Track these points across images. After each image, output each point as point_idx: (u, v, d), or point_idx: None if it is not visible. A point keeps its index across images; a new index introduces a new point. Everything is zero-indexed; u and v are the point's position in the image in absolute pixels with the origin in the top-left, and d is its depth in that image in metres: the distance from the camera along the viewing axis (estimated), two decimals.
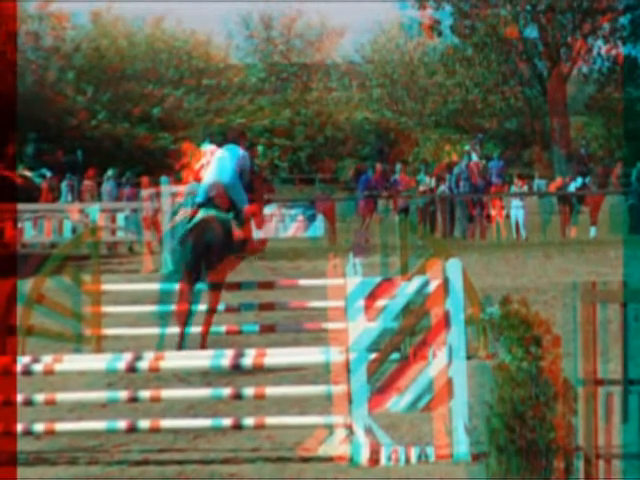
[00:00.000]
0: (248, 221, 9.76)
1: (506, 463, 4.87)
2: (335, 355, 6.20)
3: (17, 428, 6.16)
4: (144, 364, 6.34)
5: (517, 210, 24.47)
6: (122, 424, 6.20)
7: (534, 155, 40.63)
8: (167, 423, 6.34)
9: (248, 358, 6.37)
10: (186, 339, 8.96)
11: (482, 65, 39.21)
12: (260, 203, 10.33)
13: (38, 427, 6.23)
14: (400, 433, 6.28)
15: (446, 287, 5.98)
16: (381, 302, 6.03)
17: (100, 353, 8.67)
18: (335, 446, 6.01)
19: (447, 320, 5.96)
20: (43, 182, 26.40)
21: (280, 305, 9.89)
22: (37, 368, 6.34)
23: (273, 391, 6.45)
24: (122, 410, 6.93)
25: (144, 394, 6.40)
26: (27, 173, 25.71)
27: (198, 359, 6.74)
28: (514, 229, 24.44)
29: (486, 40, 38.40)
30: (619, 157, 34.67)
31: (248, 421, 6.18)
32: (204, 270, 9.16)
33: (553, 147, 38.40)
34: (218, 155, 9.79)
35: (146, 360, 6.36)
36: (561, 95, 38.15)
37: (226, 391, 6.44)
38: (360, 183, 26.80)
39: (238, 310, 9.74)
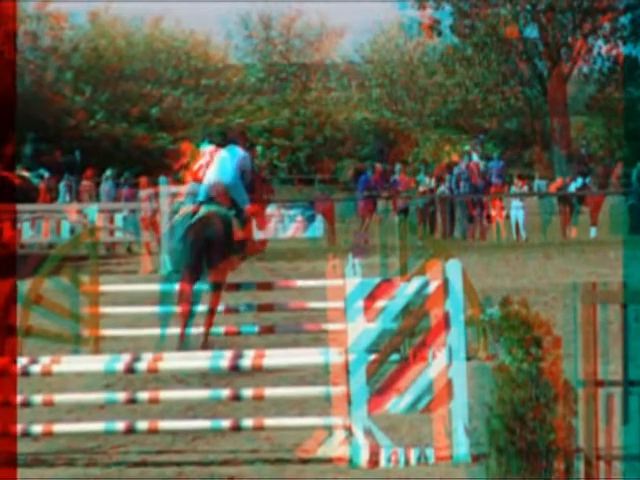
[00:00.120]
0: (249, 221, 9.78)
1: (506, 464, 4.85)
2: (334, 356, 6.19)
3: (15, 429, 6.14)
4: (142, 365, 6.32)
5: (517, 210, 24.46)
6: (120, 425, 6.18)
7: (534, 155, 40.61)
8: (166, 424, 6.33)
9: (247, 359, 6.36)
10: (187, 340, 8.96)
11: (482, 65, 39.21)
12: (262, 204, 10.33)
13: (36, 428, 6.21)
14: (400, 434, 6.26)
15: (446, 288, 5.96)
16: (380, 303, 6.01)
17: (98, 354, 8.65)
18: (334, 447, 5.99)
19: (447, 321, 5.94)
20: (41, 182, 26.37)
21: (279, 306, 9.88)
22: (35, 369, 6.32)
23: (272, 392, 6.42)
24: (120, 411, 6.91)
25: (142, 395, 6.39)
26: (25, 173, 25.67)
27: (197, 360, 6.71)
28: (514, 230, 24.44)
29: (486, 40, 38.40)
30: (619, 157, 34.65)
31: (247, 422, 6.17)
32: (205, 266, 9.19)
33: (553, 147, 38.39)
34: (219, 155, 9.81)
35: (144, 361, 6.34)
36: (561, 95, 38.14)
37: (225, 392, 6.42)
38: (359, 183, 26.79)
39: (237, 311, 9.73)
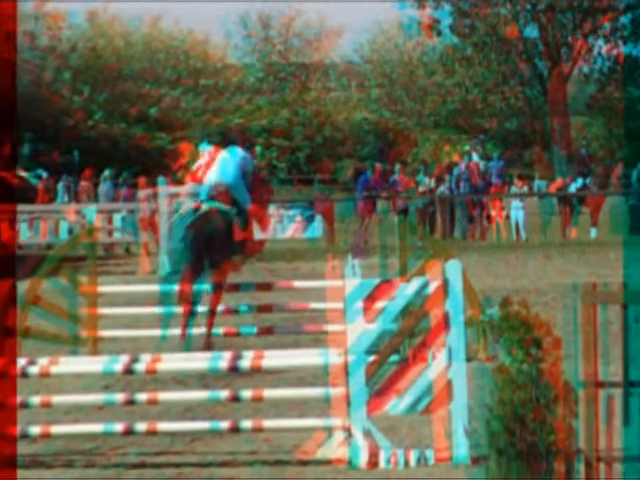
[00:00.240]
0: (251, 222, 9.80)
1: (506, 466, 4.84)
2: (334, 357, 6.18)
3: (14, 431, 6.12)
4: (141, 366, 6.31)
5: (517, 211, 24.44)
6: (119, 426, 6.17)
7: (534, 155, 40.58)
8: (164, 426, 6.31)
9: (246, 360, 6.35)
10: (188, 340, 8.96)
11: (482, 65, 39.17)
12: (263, 205, 10.35)
13: (34, 430, 6.20)
14: (399, 436, 6.24)
15: (446, 288, 5.95)
16: (380, 304, 6.00)
17: (96, 355, 8.65)
18: (334, 449, 5.98)
19: (447, 322, 5.93)
20: (39, 183, 26.32)
21: (278, 307, 9.88)
22: (33, 370, 6.32)
23: (271, 393, 6.41)
24: (119, 413, 6.88)
25: (141, 396, 6.38)
26: (23, 174, 25.65)
27: (196, 361, 6.70)
28: (514, 230, 24.42)
29: (486, 40, 38.36)
30: (620, 157, 34.61)
31: (246, 424, 6.16)
32: (206, 263, 9.25)
33: (553, 147, 38.35)
34: (220, 156, 9.84)
35: (143, 362, 6.34)
36: (561, 95, 38.11)
37: (224, 393, 6.41)
38: (359, 184, 26.77)
39: (236, 312, 9.72)
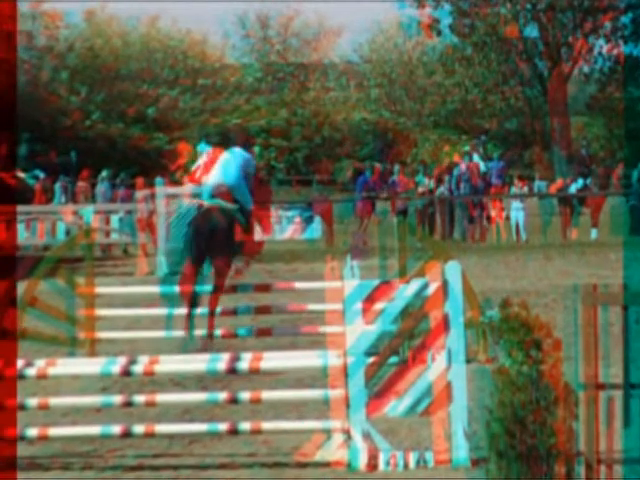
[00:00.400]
0: (252, 223, 9.83)
1: (506, 469, 4.83)
2: (333, 359, 6.16)
3: (13, 433, 6.10)
4: (139, 368, 6.31)
5: (517, 212, 24.41)
6: (116, 429, 6.15)
7: (534, 156, 40.57)
8: (162, 428, 6.29)
9: (244, 362, 6.33)
10: (191, 329, 8.98)
11: (482, 65, 39.17)
12: (266, 206, 10.38)
13: (31, 432, 6.18)
14: (398, 438, 6.23)
15: (445, 290, 5.94)
16: (379, 305, 5.99)
17: (94, 357, 8.64)
18: (333, 451, 5.97)
19: (446, 323, 5.91)
20: (36, 183, 26.32)
21: (277, 308, 9.86)
22: (30, 372, 6.30)
23: (270, 395, 6.40)
24: (116, 415, 6.87)
25: (139, 398, 6.37)
26: (20, 174, 25.64)
27: (194, 363, 6.68)
28: (514, 231, 24.40)
29: (486, 39, 38.35)
30: (620, 158, 34.59)
31: (244, 426, 6.14)
32: (207, 259, 9.35)
33: (553, 148, 38.34)
34: (222, 157, 9.88)
35: (141, 364, 6.33)
36: (562, 95, 38.10)
37: (222, 395, 6.40)
38: (358, 184, 26.74)
39: (234, 313, 9.70)
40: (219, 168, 9.78)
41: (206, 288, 9.35)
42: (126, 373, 6.34)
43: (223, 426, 6.15)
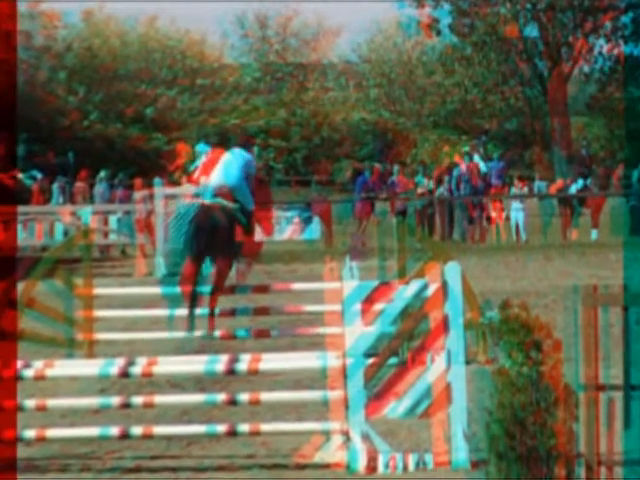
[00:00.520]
0: (253, 224, 9.83)
1: (506, 470, 4.82)
2: (332, 360, 6.14)
3: (11, 434, 6.09)
4: (137, 369, 6.29)
5: (517, 212, 24.38)
6: (115, 430, 6.14)
7: (534, 156, 40.57)
8: (160, 429, 6.28)
9: (243, 363, 6.32)
10: (192, 326, 9.06)
11: (481, 65, 39.17)
12: (268, 208, 10.38)
13: (29, 433, 6.16)
14: (398, 440, 6.22)
15: (445, 291, 5.92)
16: (378, 306, 5.97)
17: (92, 358, 8.63)
18: (332, 453, 5.95)
19: (446, 324, 5.90)
20: (34, 184, 26.29)
21: (275, 309, 9.85)
22: (28, 373, 6.28)
23: (268, 397, 6.38)
24: (115, 416, 6.86)
25: (137, 400, 6.35)
26: (18, 175, 25.61)
27: (192, 364, 6.66)
28: (514, 231, 24.37)
29: (486, 39, 38.35)
30: (620, 158, 34.60)
31: (243, 427, 6.12)
32: (208, 256, 9.37)
33: (554, 148, 38.34)
34: (224, 158, 9.86)
35: (139, 365, 6.31)
36: (562, 95, 38.09)
37: (220, 397, 6.39)
38: (357, 185, 26.70)
39: (233, 314, 9.68)
40: (220, 169, 9.77)
41: (206, 288, 9.35)
42: (124, 374, 6.32)
43: (222, 427, 6.14)
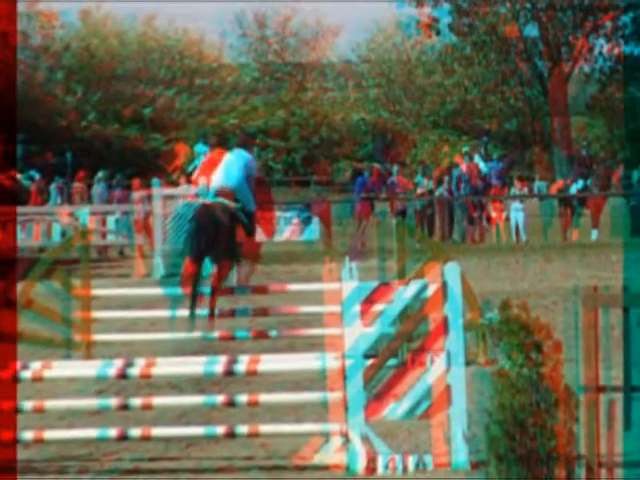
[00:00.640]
0: (254, 225, 9.84)
1: (506, 472, 4.81)
2: (331, 361, 6.13)
3: (10, 436, 6.09)
4: (135, 371, 6.29)
5: (517, 213, 24.37)
6: (113, 432, 6.13)
7: (534, 156, 40.58)
8: (159, 431, 6.27)
9: (241, 364, 6.31)
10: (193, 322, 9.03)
11: (481, 64, 39.18)
12: (269, 208, 10.38)
13: (27, 435, 6.15)
14: (397, 441, 6.21)
15: (444, 292, 5.91)
16: (378, 307, 5.96)
17: (90, 359, 8.61)
18: (331, 454, 5.95)
19: (445, 325, 5.88)
20: (32, 184, 26.28)
21: (274, 310, 9.84)
22: (26, 375, 6.26)
23: (267, 398, 6.38)
24: (113, 418, 6.87)
25: (135, 401, 6.34)
26: (15, 175, 25.60)
27: (190, 365, 6.65)
28: (514, 232, 24.36)
29: (485, 39, 38.36)
30: (621, 158, 34.62)
31: (242, 429, 6.11)
32: (208, 255, 9.37)
33: (554, 148, 38.35)
34: (226, 159, 9.86)
35: (137, 367, 6.31)
36: (562, 95, 38.10)
37: (219, 398, 6.39)
38: (356, 185, 26.69)
39: (232, 315, 9.67)
40: (222, 169, 9.77)
41: (206, 288, 9.34)
42: (122, 376, 6.32)
43: (220, 429, 6.12)
